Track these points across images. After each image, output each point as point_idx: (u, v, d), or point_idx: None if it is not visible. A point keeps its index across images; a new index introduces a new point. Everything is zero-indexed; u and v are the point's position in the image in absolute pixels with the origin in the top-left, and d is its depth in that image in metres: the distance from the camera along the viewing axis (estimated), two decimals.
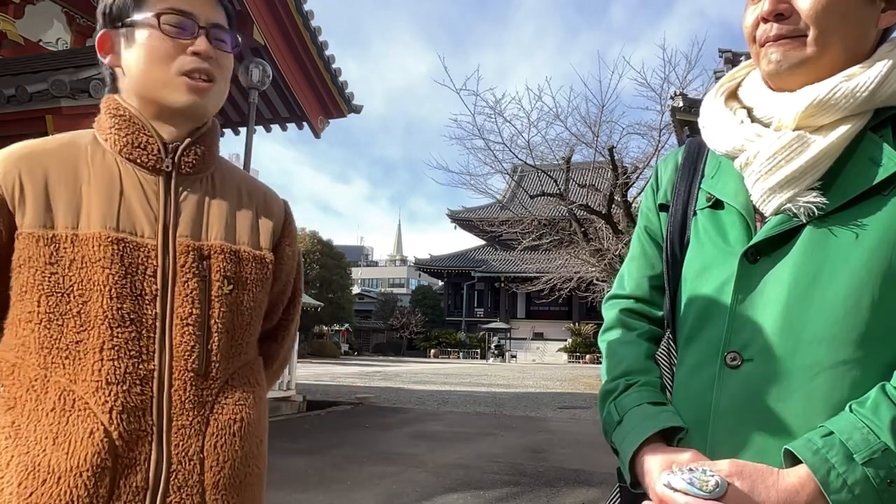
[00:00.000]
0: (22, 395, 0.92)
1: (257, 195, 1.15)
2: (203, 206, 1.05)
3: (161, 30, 0.99)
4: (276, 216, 1.15)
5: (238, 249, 1.05)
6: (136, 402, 0.93)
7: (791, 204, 0.87)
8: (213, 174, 1.09)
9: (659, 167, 1.13)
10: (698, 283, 0.96)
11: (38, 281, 0.92)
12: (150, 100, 1.02)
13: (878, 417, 0.77)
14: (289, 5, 8.76)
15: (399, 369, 25.27)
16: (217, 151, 1.11)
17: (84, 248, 0.93)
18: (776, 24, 0.90)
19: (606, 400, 1.00)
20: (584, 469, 6.21)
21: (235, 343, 1.03)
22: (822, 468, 0.76)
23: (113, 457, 0.90)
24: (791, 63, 0.89)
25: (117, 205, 0.97)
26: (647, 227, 1.11)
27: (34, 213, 0.94)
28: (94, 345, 0.92)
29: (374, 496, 5.01)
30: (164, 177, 1.02)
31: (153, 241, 0.98)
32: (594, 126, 15.00)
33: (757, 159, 0.90)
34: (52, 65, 6.13)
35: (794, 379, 0.83)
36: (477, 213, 34.71)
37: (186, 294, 0.98)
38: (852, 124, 0.87)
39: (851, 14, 0.88)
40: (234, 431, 1.00)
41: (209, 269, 1.00)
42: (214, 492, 0.97)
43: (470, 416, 10.37)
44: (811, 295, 0.84)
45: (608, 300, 1.15)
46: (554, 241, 17.17)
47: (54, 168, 0.97)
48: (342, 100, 10.11)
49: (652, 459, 0.87)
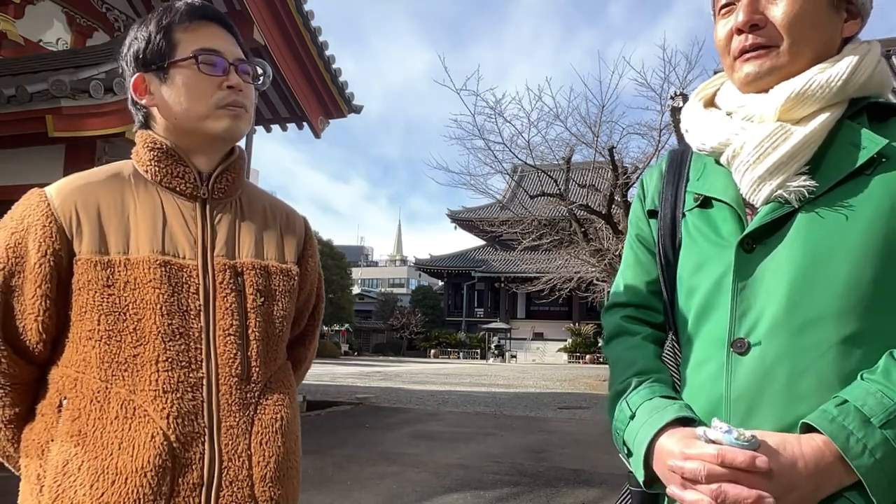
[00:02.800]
0: (86, 405, 1.00)
1: (280, 214, 1.25)
2: (235, 227, 1.15)
3: (199, 68, 1.09)
4: (298, 232, 1.26)
5: (267, 265, 1.15)
6: (189, 407, 1.02)
7: (782, 190, 0.89)
8: (241, 197, 1.20)
9: (644, 178, 1.16)
10: (695, 279, 0.97)
11: (97, 302, 1.01)
12: (190, 132, 1.12)
13: (890, 381, 0.79)
14: (289, 5, 8.76)
15: (399, 369, 25.26)
16: (244, 176, 1.22)
17: (136, 271, 1.03)
18: (751, 34, 0.94)
19: (617, 399, 0.99)
20: (584, 469, 6.21)
21: (270, 349, 1.13)
22: (841, 435, 0.77)
23: (172, 457, 0.99)
24: (770, 70, 0.94)
25: (161, 230, 1.08)
26: (639, 236, 1.12)
27: (90, 241, 1.03)
28: (149, 358, 1.01)
29: (375, 496, 5.01)
30: (199, 203, 1.13)
31: (194, 261, 1.08)
32: (594, 126, 15.00)
33: (744, 149, 0.93)
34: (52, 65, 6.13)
35: (804, 358, 0.84)
36: (477, 213, 34.70)
37: (227, 308, 1.07)
38: (831, 113, 0.91)
39: (821, 25, 0.94)
40: (276, 429, 1.09)
41: (244, 284, 1.11)
42: (262, 485, 1.05)
43: (470, 417, 10.37)
44: (812, 275, 0.86)
45: (608, 309, 1.16)
46: (554, 242, 17.16)
47: (104, 199, 1.07)
48: (342, 100, 10.11)
49: (670, 439, 0.86)
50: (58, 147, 6.20)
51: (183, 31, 1.11)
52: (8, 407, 1.04)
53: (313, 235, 1.31)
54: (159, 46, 1.10)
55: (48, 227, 1.02)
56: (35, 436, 1.03)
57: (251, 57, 1.18)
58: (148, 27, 1.12)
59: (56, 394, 1.03)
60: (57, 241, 1.02)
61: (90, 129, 5.77)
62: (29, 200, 1.06)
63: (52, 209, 1.03)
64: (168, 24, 1.11)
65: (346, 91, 10.09)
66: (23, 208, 1.05)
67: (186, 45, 1.10)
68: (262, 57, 8.22)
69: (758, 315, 0.88)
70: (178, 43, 1.10)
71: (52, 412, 1.03)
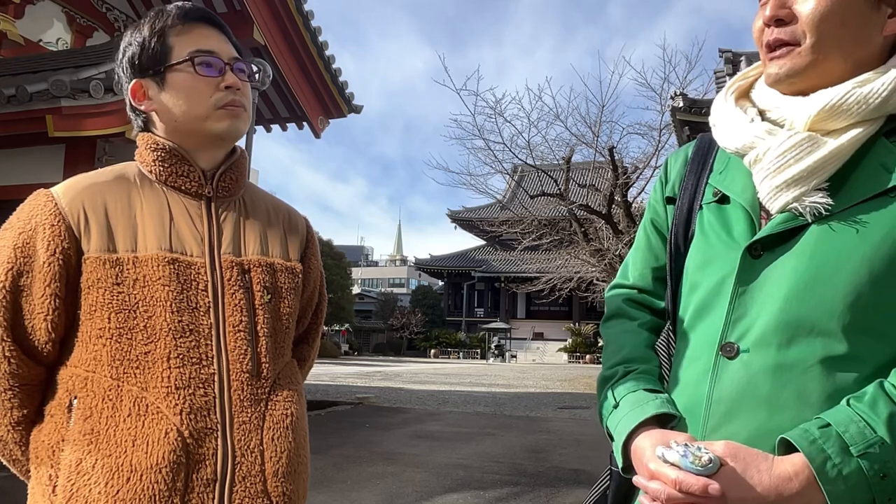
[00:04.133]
0: (97, 404, 1.00)
1: (282, 213, 1.27)
2: (240, 225, 1.17)
3: (196, 70, 1.10)
4: (300, 231, 1.27)
5: (272, 262, 1.16)
6: (202, 403, 1.02)
7: (797, 203, 0.88)
8: (244, 196, 1.21)
9: (669, 160, 1.14)
10: (700, 275, 0.97)
11: (107, 300, 1.02)
12: (190, 133, 1.13)
13: (876, 412, 0.78)
14: (289, 5, 8.76)
15: (399, 369, 25.26)
16: (246, 176, 1.23)
17: (144, 269, 1.04)
18: (777, 28, 0.92)
19: (605, 385, 1.02)
20: (584, 469, 6.21)
21: (278, 345, 1.14)
22: (819, 458, 0.77)
23: (186, 453, 0.99)
24: (789, 72, 0.91)
25: (168, 228, 1.09)
26: (654, 220, 1.12)
27: (98, 239, 1.04)
28: (161, 354, 1.02)
29: (375, 496, 5.01)
30: (205, 201, 1.14)
31: (201, 259, 1.09)
32: (594, 126, 14.99)
33: (766, 157, 0.91)
34: (52, 65, 6.13)
35: (788, 371, 0.85)
36: (477, 213, 34.71)
37: (235, 304, 1.08)
38: (864, 129, 0.88)
39: (852, 21, 0.88)
40: (287, 425, 1.10)
41: (251, 282, 1.12)
42: (274, 480, 1.06)
43: (470, 416, 10.37)
44: (811, 290, 0.85)
45: (611, 289, 1.17)
46: (554, 241, 17.16)
47: (111, 198, 1.08)
48: (342, 100, 10.11)
49: (646, 440, 0.89)
50: (58, 147, 6.21)
51: (176, 35, 1.12)
52: (16, 409, 1.04)
53: (314, 234, 1.33)
54: (154, 51, 1.11)
55: (56, 227, 1.03)
56: (45, 437, 1.03)
57: (246, 55, 1.19)
58: (142, 32, 1.13)
59: (66, 394, 1.03)
60: (66, 240, 1.02)
61: (90, 129, 5.78)
62: (36, 200, 1.06)
63: (59, 209, 1.04)
64: (161, 28, 1.12)
65: (346, 91, 10.09)
66: (30, 208, 1.06)
67: (181, 48, 1.11)
68: (263, 57, 8.25)
69: (750, 322, 0.88)
70: (173, 46, 1.11)
71: (61, 412, 1.03)
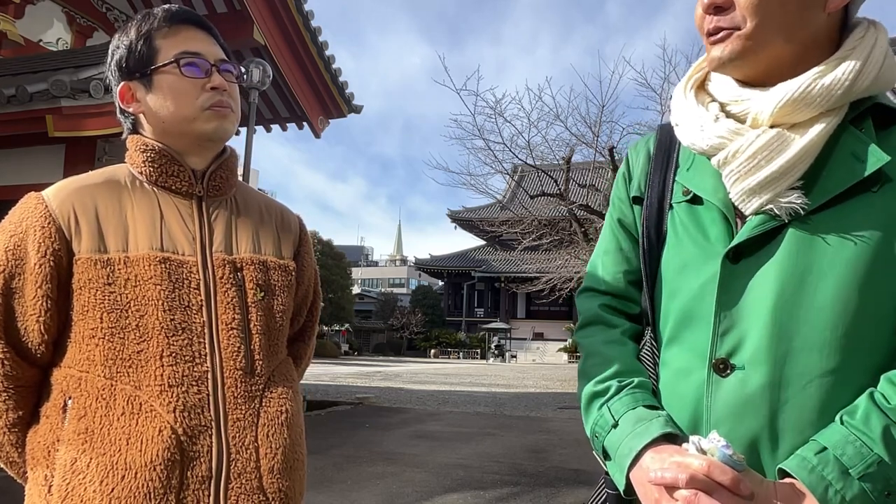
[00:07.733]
0: (91, 403, 1.01)
1: (275, 212, 1.27)
2: (231, 224, 1.17)
3: (182, 72, 1.11)
4: (293, 229, 1.28)
5: (265, 260, 1.17)
6: (195, 400, 1.02)
7: (772, 204, 0.86)
8: (235, 195, 1.22)
9: (630, 155, 1.10)
10: (679, 281, 0.94)
11: (98, 300, 1.02)
12: (179, 135, 1.13)
13: (870, 429, 0.77)
14: (289, 5, 8.75)
15: (399, 369, 25.26)
16: (237, 175, 1.24)
17: (136, 268, 1.04)
18: (716, 16, 0.88)
19: (597, 401, 0.96)
20: (584, 469, 6.21)
21: (272, 343, 1.14)
22: (820, 486, 0.75)
23: (180, 451, 1.00)
24: (731, 57, 0.88)
25: (159, 228, 1.09)
26: (621, 221, 1.08)
27: (89, 240, 1.04)
28: (153, 353, 1.02)
29: (375, 496, 5.01)
30: (196, 200, 1.15)
31: (193, 258, 1.09)
32: (594, 126, 14.96)
33: (736, 158, 0.88)
34: (52, 65, 6.12)
35: (787, 388, 0.82)
36: (477, 213, 34.68)
37: (228, 302, 1.09)
38: (830, 119, 0.85)
39: (791, 1, 0.85)
40: (282, 422, 1.10)
41: (243, 280, 1.12)
42: (270, 476, 1.06)
43: (470, 416, 10.36)
44: (799, 300, 0.83)
45: (583, 292, 1.11)
46: (554, 241, 17.13)
47: (102, 199, 1.08)
48: (342, 100, 10.10)
49: (659, 457, 0.84)
50: (58, 147, 6.20)
51: (163, 37, 1.12)
52: (12, 410, 1.05)
53: (307, 233, 1.34)
54: (141, 54, 1.12)
55: (47, 228, 1.03)
56: (40, 438, 1.04)
57: (246, 55, 1.19)
58: (129, 35, 1.13)
59: (60, 394, 1.04)
60: (56, 242, 1.03)
61: (90, 129, 5.77)
62: (26, 203, 1.07)
63: (50, 210, 1.04)
64: (148, 30, 1.12)
65: (346, 91, 10.08)
66: (21, 211, 1.06)
67: (167, 50, 1.11)
68: (262, 57, 8.25)
69: (741, 336, 0.85)
70: (159, 49, 1.12)
71: (56, 413, 1.03)
